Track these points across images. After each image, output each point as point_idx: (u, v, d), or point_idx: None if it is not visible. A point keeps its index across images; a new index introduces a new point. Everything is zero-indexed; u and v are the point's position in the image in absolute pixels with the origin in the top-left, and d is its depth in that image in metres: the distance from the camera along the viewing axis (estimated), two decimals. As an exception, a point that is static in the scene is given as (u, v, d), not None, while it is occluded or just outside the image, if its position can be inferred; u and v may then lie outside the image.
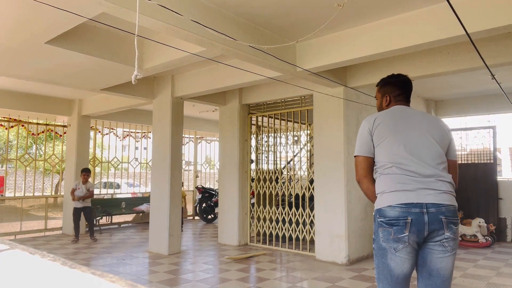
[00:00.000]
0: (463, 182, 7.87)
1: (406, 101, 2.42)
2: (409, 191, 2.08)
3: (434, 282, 2.10)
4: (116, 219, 9.80)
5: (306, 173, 6.69)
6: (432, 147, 2.17)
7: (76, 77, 5.57)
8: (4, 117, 8.05)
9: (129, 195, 11.52)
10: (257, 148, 7.21)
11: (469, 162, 8.03)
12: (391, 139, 2.20)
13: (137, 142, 10.07)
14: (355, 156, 2.35)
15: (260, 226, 7.02)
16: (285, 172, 7.06)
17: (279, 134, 7.12)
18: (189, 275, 5.04)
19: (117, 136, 10.20)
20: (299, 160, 6.96)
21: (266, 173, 7.00)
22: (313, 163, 6.28)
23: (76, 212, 7.35)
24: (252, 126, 7.26)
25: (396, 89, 2.40)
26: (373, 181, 2.28)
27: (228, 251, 6.46)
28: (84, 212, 7.39)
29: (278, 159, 7.09)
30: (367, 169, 2.28)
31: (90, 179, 7.67)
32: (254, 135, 7.23)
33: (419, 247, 2.13)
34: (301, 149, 6.97)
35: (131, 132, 10.06)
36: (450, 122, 9.08)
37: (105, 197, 9.85)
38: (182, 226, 7.44)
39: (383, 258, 2.13)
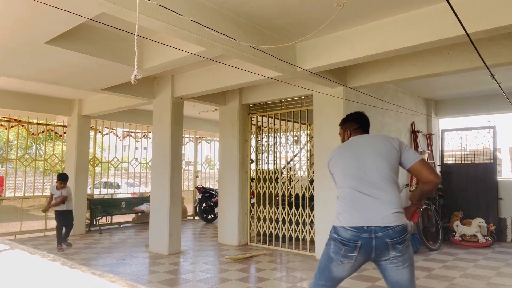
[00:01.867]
0: (463, 182, 7.88)
1: (363, 132, 2.71)
2: (359, 213, 2.31)
3: None
4: (116, 219, 9.80)
5: (306, 173, 6.69)
6: (380, 168, 2.37)
7: (76, 77, 5.57)
8: (4, 117, 8.05)
9: (129, 195, 11.51)
10: (257, 148, 7.21)
11: (469, 162, 8.03)
12: (342, 165, 2.51)
13: (137, 142, 10.07)
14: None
15: (260, 226, 7.02)
16: (285, 172, 7.05)
17: (279, 134, 7.11)
18: (189, 275, 5.04)
19: (117, 136, 10.20)
20: (299, 160, 6.96)
21: (266, 173, 7.00)
22: (313, 163, 6.28)
23: (60, 216, 6.59)
24: (252, 126, 7.26)
25: (354, 123, 2.72)
26: None
27: (228, 251, 6.46)
28: (66, 216, 6.68)
29: (278, 159, 7.09)
30: None
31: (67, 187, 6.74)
32: (254, 135, 7.23)
33: (368, 261, 2.37)
34: (301, 149, 6.97)
35: (131, 132, 10.06)
36: (450, 122, 9.07)
37: (105, 197, 9.85)
38: None
39: (328, 262, 2.39)
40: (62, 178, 6.68)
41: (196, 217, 10.95)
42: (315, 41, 4.49)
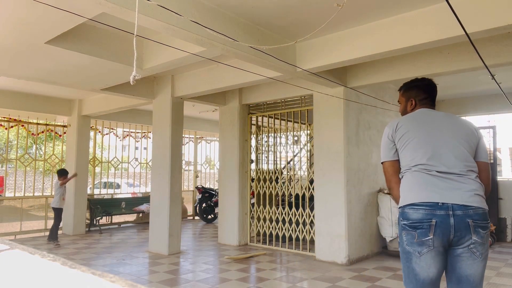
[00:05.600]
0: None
1: (431, 104, 2.38)
2: (434, 190, 2.03)
3: None
4: (116, 219, 9.80)
5: (306, 173, 6.69)
6: (456, 147, 2.12)
7: (76, 77, 5.57)
8: (4, 117, 8.05)
9: (129, 195, 11.51)
10: (257, 148, 7.21)
11: (469, 162, 8.01)
12: (414, 141, 2.17)
13: (137, 142, 10.07)
14: (382, 163, 2.34)
15: (260, 226, 7.02)
16: (285, 172, 7.05)
17: (279, 134, 7.11)
18: (189, 275, 5.04)
19: (117, 136, 10.20)
20: (299, 160, 6.96)
21: (266, 173, 7.00)
22: (313, 163, 6.28)
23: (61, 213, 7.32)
24: (252, 126, 7.26)
25: (422, 92, 2.38)
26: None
27: (228, 251, 6.46)
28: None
29: (278, 159, 7.09)
30: (394, 174, 2.27)
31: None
32: (254, 135, 7.23)
33: (446, 251, 2.07)
34: (301, 149, 6.97)
35: (131, 132, 10.06)
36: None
37: (105, 197, 9.85)
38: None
39: (408, 262, 2.09)
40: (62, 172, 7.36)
41: (196, 217, 10.95)
42: (315, 41, 4.49)
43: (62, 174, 7.26)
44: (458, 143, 2.13)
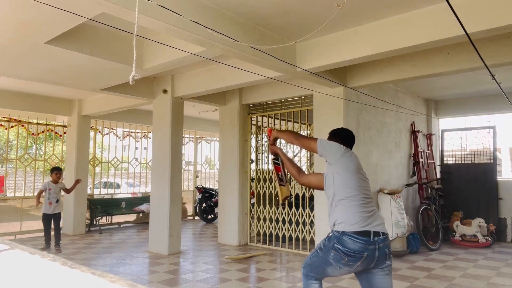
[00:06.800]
0: (463, 182, 7.88)
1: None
2: (367, 222, 2.40)
3: None
4: (116, 219, 9.80)
5: (306, 173, 6.67)
6: (367, 183, 2.60)
7: (76, 77, 5.57)
8: (4, 117, 8.05)
9: (129, 195, 11.51)
10: (257, 148, 7.21)
11: (469, 162, 8.03)
12: (354, 171, 2.55)
13: (137, 142, 10.07)
14: (319, 140, 2.64)
15: (260, 226, 7.02)
16: (285, 172, 7.04)
17: (279, 134, 7.10)
18: (189, 275, 5.04)
19: (117, 136, 10.20)
20: (299, 160, 6.96)
21: (266, 173, 7.00)
22: (313, 163, 6.28)
23: (46, 219, 6.47)
24: (252, 126, 7.26)
25: (341, 142, 2.72)
26: (300, 170, 2.92)
27: (228, 251, 6.46)
28: (54, 219, 6.49)
29: (278, 159, 7.07)
30: (303, 173, 2.90)
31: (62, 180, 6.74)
32: (254, 135, 7.23)
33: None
34: (301, 149, 6.97)
35: (131, 132, 10.06)
36: (450, 122, 9.07)
37: (105, 197, 9.84)
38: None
39: (324, 265, 2.49)
40: (60, 168, 6.80)
41: (196, 217, 10.95)
42: (315, 41, 4.48)
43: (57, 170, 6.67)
44: (367, 180, 2.61)
